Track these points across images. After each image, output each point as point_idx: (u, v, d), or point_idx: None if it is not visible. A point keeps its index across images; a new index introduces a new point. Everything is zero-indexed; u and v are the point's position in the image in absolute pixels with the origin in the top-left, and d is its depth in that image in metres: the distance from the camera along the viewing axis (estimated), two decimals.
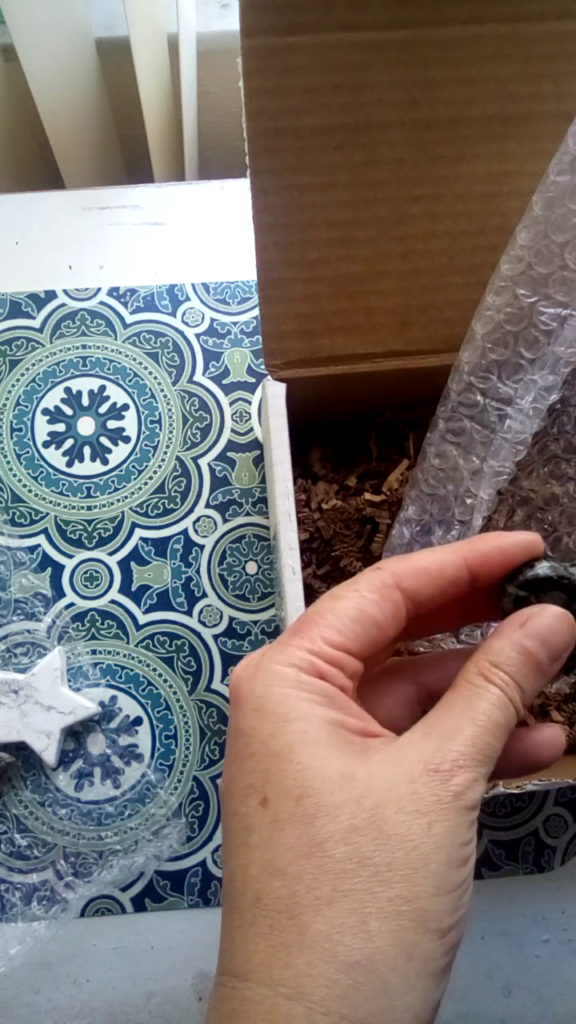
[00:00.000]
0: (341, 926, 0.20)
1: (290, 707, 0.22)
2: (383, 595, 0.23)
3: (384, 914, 0.20)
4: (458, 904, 0.20)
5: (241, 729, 0.23)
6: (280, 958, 0.20)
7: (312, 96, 0.31)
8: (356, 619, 0.23)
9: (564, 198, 0.29)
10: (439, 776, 0.21)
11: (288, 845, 0.21)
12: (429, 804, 0.20)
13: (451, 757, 0.21)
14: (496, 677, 0.22)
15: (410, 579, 0.24)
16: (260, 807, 0.21)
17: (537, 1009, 0.44)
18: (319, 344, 0.37)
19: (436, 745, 0.21)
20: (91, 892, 0.44)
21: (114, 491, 0.50)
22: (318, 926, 0.20)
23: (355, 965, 0.19)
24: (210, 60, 0.65)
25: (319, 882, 0.20)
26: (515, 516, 0.41)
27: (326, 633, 0.23)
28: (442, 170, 0.34)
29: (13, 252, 0.54)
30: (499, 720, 0.22)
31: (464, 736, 0.21)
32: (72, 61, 0.61)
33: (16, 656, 0.47)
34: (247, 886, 0.21)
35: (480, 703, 0.22)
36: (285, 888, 0.20)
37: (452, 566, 0.24)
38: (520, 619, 0.24)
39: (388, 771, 0.21)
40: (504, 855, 0.45)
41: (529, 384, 0.32)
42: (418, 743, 0.22)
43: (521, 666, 0.23)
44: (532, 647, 0.23)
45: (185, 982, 0.44)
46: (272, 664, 0.23)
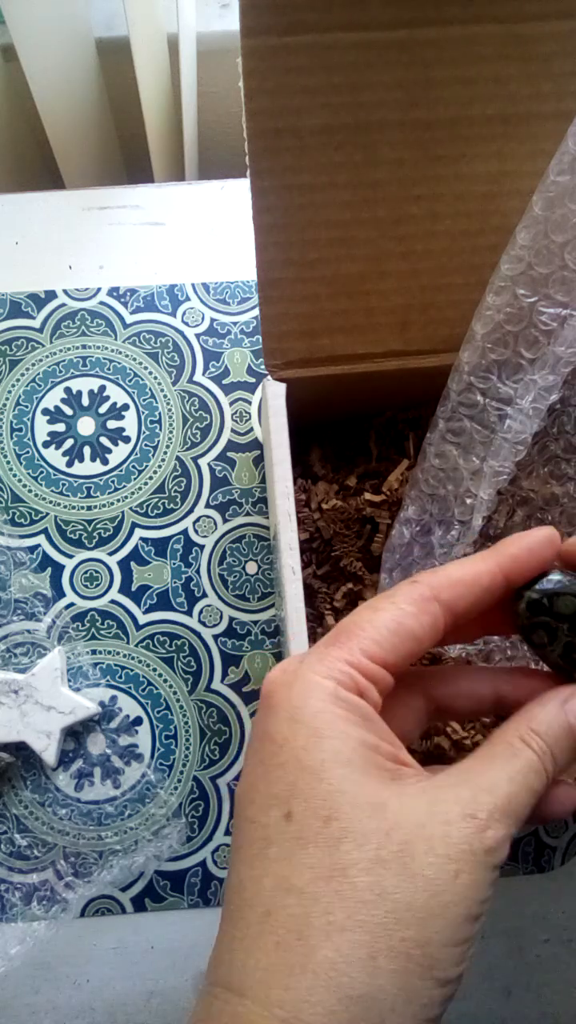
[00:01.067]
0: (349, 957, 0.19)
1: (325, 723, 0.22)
2: (421, 608, 0.23)
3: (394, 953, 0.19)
4: (463, 957, 0.20)
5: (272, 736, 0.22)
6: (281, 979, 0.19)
7: (312, 96, 0.31)
8: (394, 631, 0.23)
9: (564, 198, 0.29)
10: (475, 824, 0.20)
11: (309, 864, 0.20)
12: (460, 852, 0.20)
13: (488, 808, 0.21)
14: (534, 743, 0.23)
15: (447, 591, 0.24)
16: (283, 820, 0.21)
17: (537, 1009, 0.44)
18: (319, 344, 0.37)
19: (473, 793, 0.21)
20: (91, 892, 0.44)
21: (114, 491, 0.50)
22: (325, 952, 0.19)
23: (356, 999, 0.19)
24: (210, 60, 0.65)
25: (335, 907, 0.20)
26: (515, 516, 0.41)
27: (365, 645, 0.23)
28: (442, 170, 0.34)
29: (13, 252, 0.54)
30: (533, 784, 0.22)
31: (502, 791, 0.21)
32: (72, 61, 0.61)
33: (16, 656, 0.47)
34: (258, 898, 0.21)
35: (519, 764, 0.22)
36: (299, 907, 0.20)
37: (487, 574, 0.24)
38: (564, 694, 0.24)
39: (422, 809, 0.21)
40: None
41: (529, 384, 0.32)
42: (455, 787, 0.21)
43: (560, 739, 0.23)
44: (574, 723, 0.23)
45: (185, 982, 0.44)
46: (311, 674, 0.22)
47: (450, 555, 0.36)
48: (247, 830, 0.22)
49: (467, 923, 0.20)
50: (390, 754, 0.22)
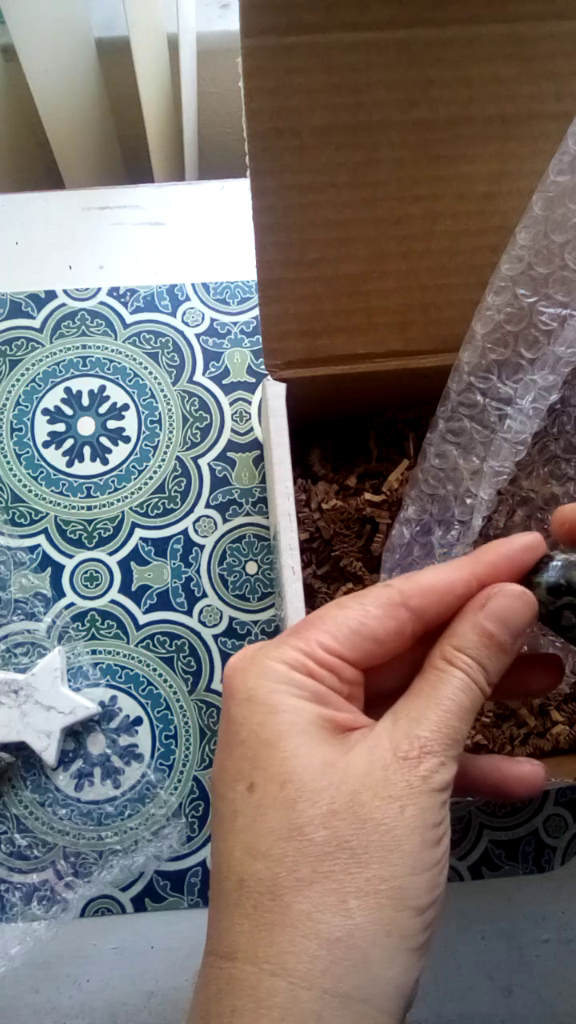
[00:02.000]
0: (322, 905, 0.20)
1: (278, 700, 0.23)
2: (387, 612, 0.24)
3: (363, 893, 0.20)
4: (434, 883, 0.21)
5: (232, 717, 0.23)
6: (264, 937, 0.20)
7: (312, 96, 0.31)
8: (355, 630, 0.24)
9: (564, 198, 0.29)
10: (408, 763, 0.21)
11: (270, 828, 0.21)
12: (400, 789, 0.21)
13: (419, 743, 0.22)
14: (459, 661, 0.23)
15: (417, 598, 0.24)
16: (247, 792, 0.22)
17: (537, 1009, 0.44)
18: (319, 344, 0.37)
19: (404, 731, 0.22)
20: (91, 892, 0.44)
21: (114, 491, 0.50)
22: (299, 905, 0.20)
23: (336, 941, 0.20)
24: (210, 60, 0.65)
25: (299, 864, 0.21)
26: (515, 516, 0.41)
27: (322, 638, 0.23)
28: (442, 170, 0.34)
29: (13, 252, 0.54)
30: (464, 703, 0.23)
31: (430, 721, 0.22)
32: (72, 61, 0.61)
33: (16, 656, 0.47)
34: (231, 869, 0.22)
35: (445, 688, 0.23)
36: (267, 870, 0.21)
37: (461, 583, 0.24)
38: (480, 600, 0.24)
39: (363, 758, 0.22)
40: (504, 855, 0.45)
41: (529, 384, 0.32)
42: (388, 730, 0.22)
43: (483, 648, 0.23)
44: (493, 628, 0.23)
45: (185, 982, 0.44)
46: (265, 659, 0.24)
47: (450, 555, 0.36)
48: (218, 807, 0.23)
49: (426, 849, 0.21)
50: (346, 721, 0.23)
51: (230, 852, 0.22)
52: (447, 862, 0.22)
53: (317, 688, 0.23)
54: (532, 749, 0.42)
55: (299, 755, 0.22)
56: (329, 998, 0.20)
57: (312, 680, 0.23)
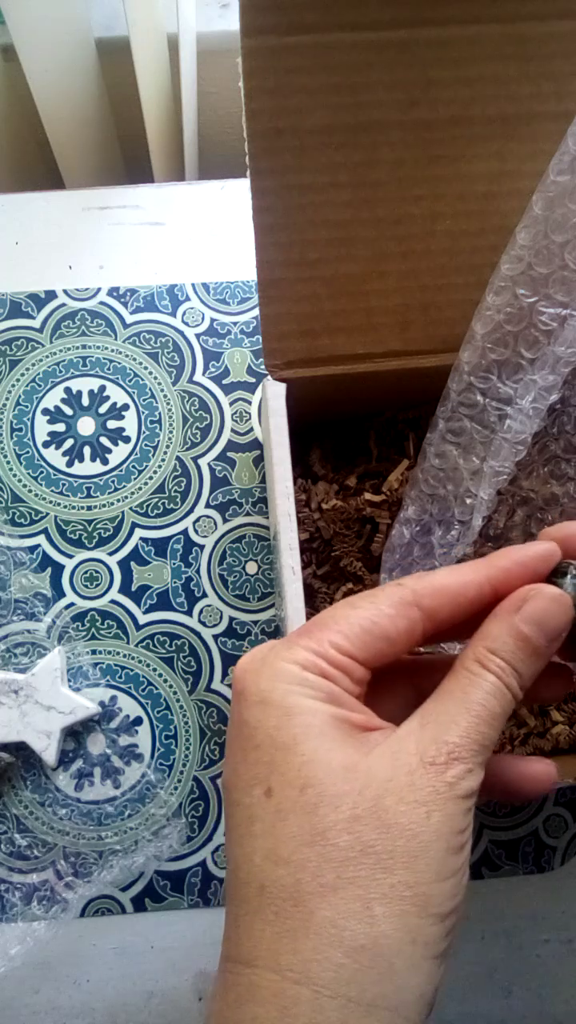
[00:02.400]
0: (346, 912, 0.20)
1: (294, 702, 0.22)
2: (399, 611, 0.23)
3: (388, 899, 0.20)
4: (456, 889, 0.21)
5: (245, 721, 0.23)
6: (286, 944, 0.20)
7: (312, 96, 0.31)
8: (367, 630, 0.23)
9: (564, 198, 0.29)
10: (435, 768, 0.21)
11: (291, 834, 0.21)
12: (427, 795, 0.21)
13: (447, 749, 0.21)
14: (492, 664, 0.23)
15: (429, 598, 0.24)
16: (264, 797, 0.22)
17: (537, 1009, 0.44)
18: (319, 344, 0.37)
19: (432, 736, 0.22)
20: (91, 892, 0.44)
21: (114, 491, 0.50)
22: (323, 912, 0.20)
23: (361, 949, 0.20)
24: (210, 60, 0.65)
25: (323, 870, 0.20)
26: (515, 516, 0.41)
27: (335, 638, 0.23)
28: (442, 170, 0.34)
29: (13, 252, 0.54)
30: (495, 709, 0.22)
31: (460, 727, 0.22)
32: (72, 61, 0.61)
33: (16, 656, 0.47)
34: (251, 875, 0.21)
35: (476, 692, 0.22)
36: (289, 876, 0.21)
37: (474, 585, 0.24)
38: (515, 602, 0.23)
39: (387, 762, 0.21)
40: (504, 855, 0.45)
41: (529, 384, 0.32)
42: (415, 733, 0.22)
43: (518, 651, 0.23)
44: (528, 631, 0.23)
45: (185, 982, 0.44)
46: (277, 660, 0.23)
47: (450, 555, 0.36)
48: (234, 813, 0.23)
49: (450, 856, 0.21)
50: (361, 722, 0.23)
51: (249, 858, 0.22)
52: (468, 870, 0.22)
53: (331, 688, 0.23)
54: (532, 749, 0.42)
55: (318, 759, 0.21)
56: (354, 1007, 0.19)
57: (325, 680, 0.23)
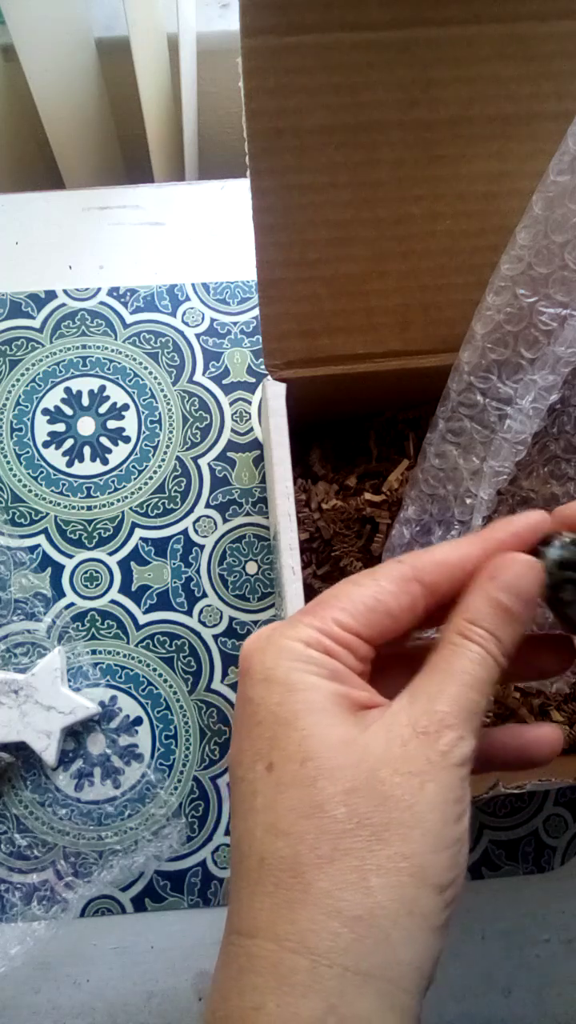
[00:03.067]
0: (343, 883, 0.20)
1: (296, 678, 0.23)
2: (401, 587, 0.24)
3: (384, 870, 0.20)
4: (455, 860, 0.21)
5: (250, 698, 0.23)
6: (285, 915, 0.20)
7: (312, 96, 0.31)
8: (370, 607, 0.24)
9: (564, 198, 0.29)
10: (427, 738, 0.21)
11: (290, 807, 0.21)
12: (420, 765, 0.21)
13: (437, 718, 0.22)
14: (473, 633, 0.23)
15: (430, 573, 0.24)
16: (266, 772, 0.22)
17: (537, 1009, 0.44)
18: (319, 344, 0.37)
19: (422, 707, 0.22)
20: (91, 892, 0.44)
21: (114, 491, 0.50)
22: (320, 883, 0.20)
23: (357, 919, 0.20)
24: (210, 60, 0.65)
25: (320, 841, 0.21)
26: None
27: (338, 615, 0.23)
28: (442, 170, 0.34)
29: (13, 252, 0.54)
30: (481, 675, 0.23)
31: (447, 695, 0.22)
32: (72, 61, 0.61)
33: (16, 656, 0.47)
34: (252, 848, 0.22)
35: (460, 661, 0.23)
36: (288, 848, 0.21)
37: (472, 558, 0.24)
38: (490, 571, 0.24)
39: (382, 736, 0.22)
40: (504, 855, 0.45)
41: (529, 384, 0.32)
42: (406, 707, 0.22)
43: (496, 618, 0.23)
44: (504, 599, 0.23)
45: (185, 982, 0.44)
46: (281, 638, 0.23)
47: None
48: (237, 788, 0.23)
49: (447, 826, 0.21)
50: (363, 699, 0.23)
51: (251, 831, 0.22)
52: (468, 840, 0.22)
53: (334, 666, 0.23)
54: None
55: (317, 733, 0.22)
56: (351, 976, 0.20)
57: (328, 658, 0.23)
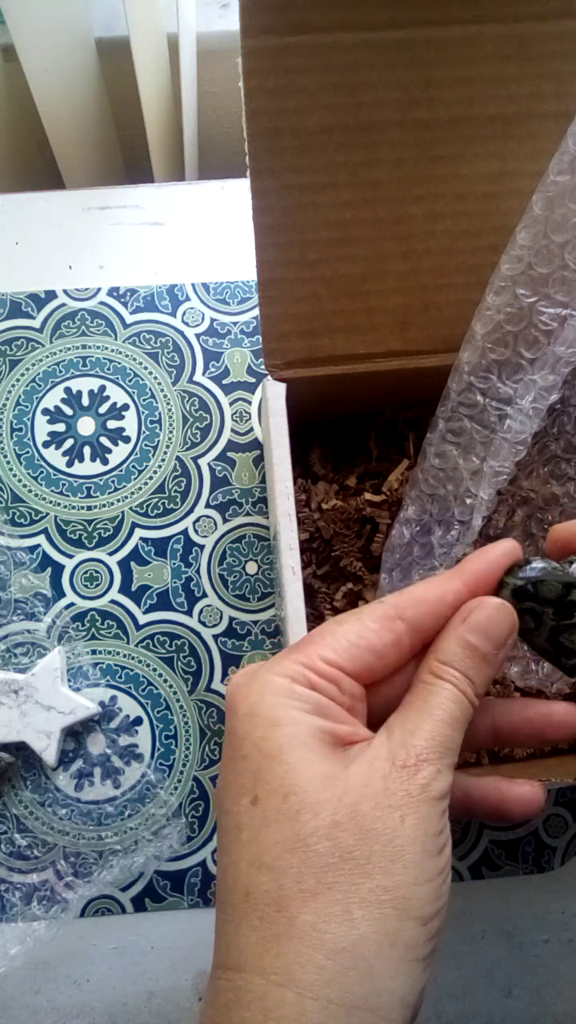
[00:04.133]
0: (327, 915, 0.21)
1: (281, 713, 0.23)
2: (383, 625, 0.25)
3: (367, 903, 0.21)
4: (438, 892, 0.21)
5: (235, 732, 0.24)
6: (271, 948, 0.21)
7: (312, 96, 0.31)
8: (353, 643, 0.24)
9: (564, 198, 0.29)
10: (406, 771, 0.22)
11: (274, 841, 0.22)
12: (400, 799, 0.22)
13: (415, 752, 0.22)
14: (446, 673, 0.24)
15: (411, 610, 0.25)
16: (251, 806, 0.22)
17: (537, 1009, 0.44)
18: (319, 344, 0.37)
19: (400, 742, 0.23)
20: (91, 892, 0.44)
21: (114, 491, 0.50)
22: (305, 916, 0.21)
23: (341, 951, 0.20)
24: (210, 60, 0.65)
25: (304, 875, 0.21)
26: (515, 516, 0.41)
27: (322, 651, 0.24)
28: (442, 170, 0.34)
29: (13, 252, 0.54)
30: (454, 713, 0.23)
31: (424, 731, 0.23)
32: (72, 61, 0.61)
33: (16, 656, 0.47)
34: (237, 881, 0.22)
35: (434, 699, 0.23)
36: (272, 882, 0.21)
37: (452, 592, 0.25)
38: (463, 614, 0.25)
39: (363, 770, 0.22)
40: (504, 855, 0.45)
41: (529, 384, 0.32)
42: (384, 743, 0.23)
43: (467, 660, 0.24)
44: (475, 640, 0.24)
45: (185, 982, 0.44)
46: (267, 674, 0.24)
47: (450, 555, 0.36)
48: (224, 822, 0.23)
49: (428, 858, 0.21)
50: (348, 733, 0.24)
51: (235, 865, 0.22)
52: (450, 872, 0.22)
53: (318, 700, 0.23)
54: (532, 749, 0.42)
55: (300, 768, 0.22)
56: (336, 1008, 0.20)
57: (313, 692, 0.24)
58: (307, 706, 0.23)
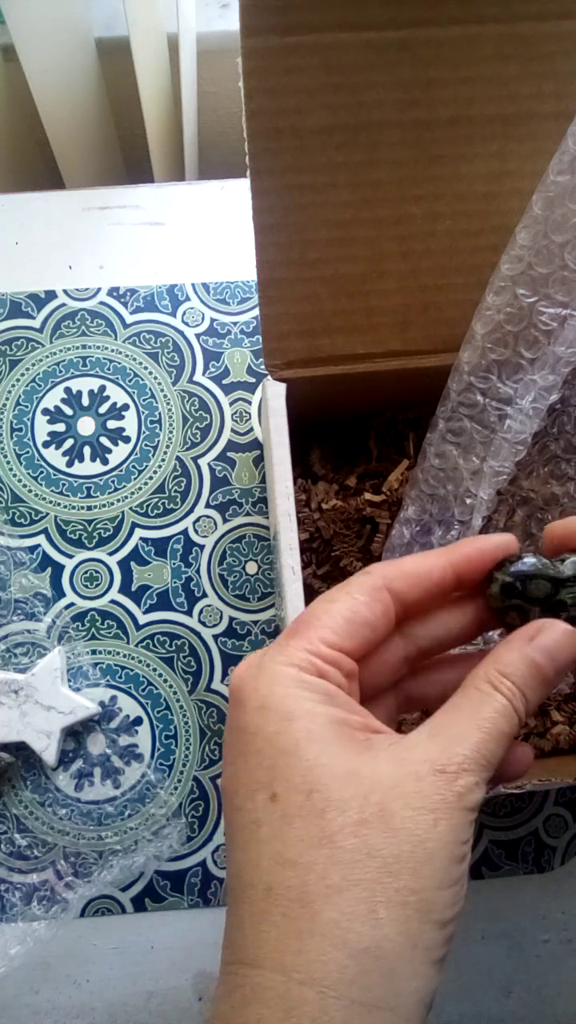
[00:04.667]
0: (351, 914, 0.20)
1: (294, 705, 0.23)
2: (373, 597, 0.25)
3: (392, 903, 0.20)
4: (456, 898, 0.21)
5: (244, 727, 0.23)
6: (292, 945, 0.21)
7: (312, 96, 0.31)
8: (349, 619, 0.24)
9: (564, 198, 0.29)
10: (445, 777, 0.21)
11: (299, 837, 0.21)
12: (435, 803, 0.21)
13: (457, 760, 0.22)
14: (503, 686, 0.23)
15: (398, 582, 0.25)
16: (269, 802, 0.22)
17: (537, 1009, 0.44)
18: (319, 344, 0.37)
19: (443, 747, 0.22)
20: (91, 892, 0.44)
21: (114, 491, 0.50)
22: (329, 914, 0.20)
23: (364, 952, 0.20)
24: (210, 60, 0.65)
25: (330, 872, 0.21)
26: (515, 516, 0.41)
27: (323, 634, 0.24)
28: (442, 170, 0.34)
29: (13, 252, 0.54)
30: (503, 728, 0.23)
31: (470, 741, 0.22)
32: (72, 61, 0.61)
33: (16, 656, 0.47)
34: (258, 877, 0.22)
35: (486, 710, 0.23)
36: (296, 878, 0.21)
37: (438, 569, 0.25)
38: (530, 632, 0.24)
39: (393, 769, 0.22)
40: (504, 855, 0.45)
41: (529, 384, 0.32)
42: (424, 744, 0.22)
43: (528, 678, 0.24)
44: (540, 660, 0.24)
45: (185, 982, 0.44)
46: (273, 664, 0.24)
47: None
48: (237, 818, 0.23)
49: (454, 864, 0.21)
50: (360, 724, 0.23)
51: (255, 861, 0.22)
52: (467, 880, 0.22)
53: (328, 688, 0.23)
54: (532, 749, 0.42)
55: (322, 763, 0.22)
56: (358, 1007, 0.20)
57: (322, 680, 0.23)
58: (318, 695, 0.23)
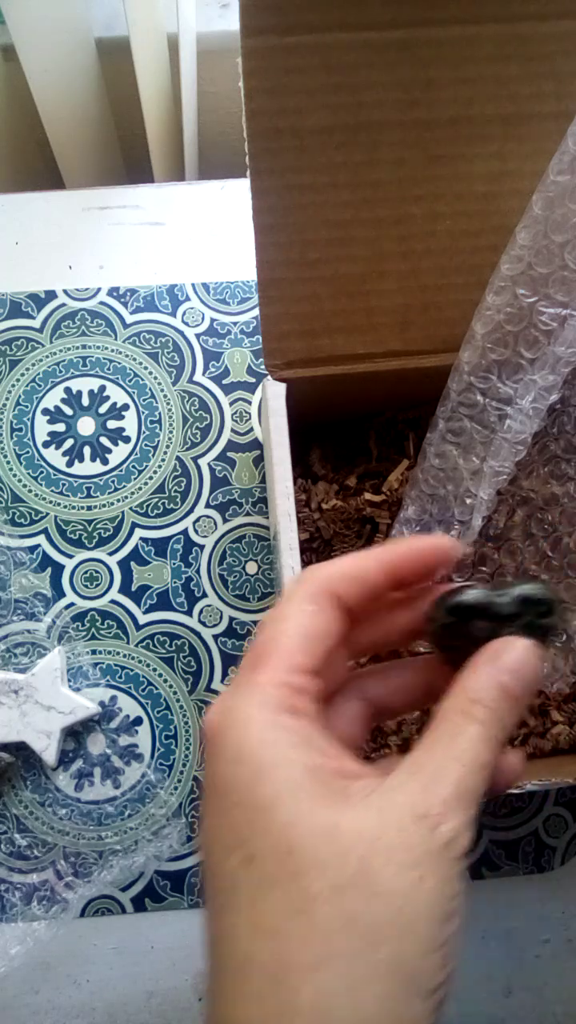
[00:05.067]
0: (330, 992, 0.19)
1: (269, 754, 0.21)
2: (320, 605, 0.24)
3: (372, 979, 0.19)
4: (446, 959, 0.20)
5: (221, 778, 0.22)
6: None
7: (312, 96, 0.31)
8: (307, 636, 0.23)
9: (564, 198, 0.29)
10: (428, 823, 0.20)
11: (275, 905, 0.20)
12: (419, 856, 0.20)
13: (438, 801, 0.20)
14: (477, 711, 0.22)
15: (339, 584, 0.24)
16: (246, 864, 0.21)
17: (537, 1009, 0.44)
18: (319, 344, 0.37)
19: (423, 787, 0.21)
20: (91, 892, 0.44)
21: (114, 491, 0.50)
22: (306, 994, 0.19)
23: None
24: (210, 60, 0.65)
25: (307, 944, 0.19)
26: (515, 516, 0.41)
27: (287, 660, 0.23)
28: (442, 170, 0.34)
29: (13, 252, 0.54)
30: (483, 757, 0.22)
31: (451, 778, 0.21)
32: (72, 61, 0.61)
33: (16, 656, 0.47)
34: (236, 947, 0.20)
35: (463, 740, 0.22)
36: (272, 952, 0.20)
37: (373, 570, 0.24)
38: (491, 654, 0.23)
39: (373, 819, 0.20)
40: (504, 855, 0.45)
41: (529, 384, 0.32)
42: (404, 786, 0.21)
43: (500, 700, 0.22)
44: (507, 681, 0.23)
45: (185, 982, 0.44)
46: (248, 708, 0.22)
47: None
48: (214, 879, 0.21)
49: (442, 924, 0.19)
50: (336, 770, 0.22)
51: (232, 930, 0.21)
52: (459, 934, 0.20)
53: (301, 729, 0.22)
54: (532, 749, 0.42)
55: (299, 821, 0.20)
56: None
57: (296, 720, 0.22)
58: (294, 738, 0.22)
